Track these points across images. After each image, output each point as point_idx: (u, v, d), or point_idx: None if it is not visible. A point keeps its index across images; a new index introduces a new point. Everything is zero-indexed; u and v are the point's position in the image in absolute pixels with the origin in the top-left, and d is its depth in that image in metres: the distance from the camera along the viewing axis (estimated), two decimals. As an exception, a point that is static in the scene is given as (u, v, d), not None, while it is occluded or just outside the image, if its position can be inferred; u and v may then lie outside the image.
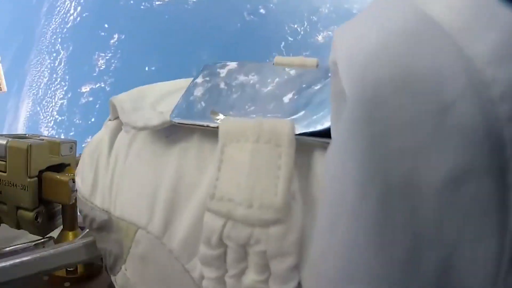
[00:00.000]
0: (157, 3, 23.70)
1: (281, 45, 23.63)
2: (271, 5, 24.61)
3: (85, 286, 0.32)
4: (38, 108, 26.55)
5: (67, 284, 0.32)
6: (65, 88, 25.04)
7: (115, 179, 0.20)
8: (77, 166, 0.28)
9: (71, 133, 24.34)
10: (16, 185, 0.33)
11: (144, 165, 0.19)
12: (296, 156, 0.13)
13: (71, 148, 0.38)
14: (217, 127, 0.15)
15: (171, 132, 0.18)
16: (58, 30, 25.98)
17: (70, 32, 24.60)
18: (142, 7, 23.43)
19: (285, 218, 0.12)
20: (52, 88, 25.72)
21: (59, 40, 25.30)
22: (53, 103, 25.71)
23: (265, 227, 0.13)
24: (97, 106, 23.10)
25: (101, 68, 23.48)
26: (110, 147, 0.22)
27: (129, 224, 0.19)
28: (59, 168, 0.36)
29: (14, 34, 27.55)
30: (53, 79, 24.82)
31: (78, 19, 24.80)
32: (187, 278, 0.17)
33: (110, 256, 0.21)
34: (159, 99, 0.20)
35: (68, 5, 26.28)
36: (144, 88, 0.22)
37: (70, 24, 25.29)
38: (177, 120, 0.17)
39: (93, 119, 25.68)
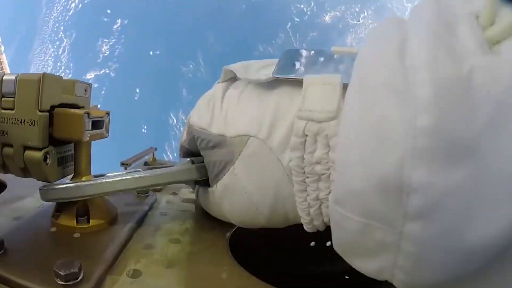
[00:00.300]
0: (160, -14, 23.32)
1: (287, 26, 23.09)
2: (277, -15, 24.23)
3: (96, 237, 0.32)
4: (43, 98, 26.24)
5: (76, 235, 0.32)
6: (69, 76, 24.73)
7: (229, 115, 0.31)
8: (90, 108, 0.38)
9: (77, 121, 24.05)
10: (24, 121, 0.31)
11: (253, 103, 0.30)
12: (343, 90, 0.24)
13: (85, 90, 0.36)
14: (302, 79, 0.26)
15: (271, 85, 0.29)
16: (60, 18, 25.69)
17: (73, 19, 24.29)
18: (144, -9, 23.09)
19: (337, 116, 0.23)
20: (57, 77, 25.45)
21: (62, 28, 25.01)
22: (58, 92, 25.39)
23: (328, 122, 0.23)
24: (102, 92, 22.90)
25: (105, 54, 23.16)
26: (222, 97, 0.32)
27: (243, 136, 0.29)
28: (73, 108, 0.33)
29: (17, 24, 27.28)
30: (58, 68, 24.58)
31: (80, 6, 24.44)
32: (279, 165, 0.27)
33: (220, 164, 0.31)
34: (260, 68, 0.31)
35: (70, -8, 26.02)
36: (247, 62, 0.33)
37: (72, 11, 24.96)
38: (277, 76, 0.28)
39: (99, 106, 25.23)
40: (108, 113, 0.36)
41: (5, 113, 0.31)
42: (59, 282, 0.24)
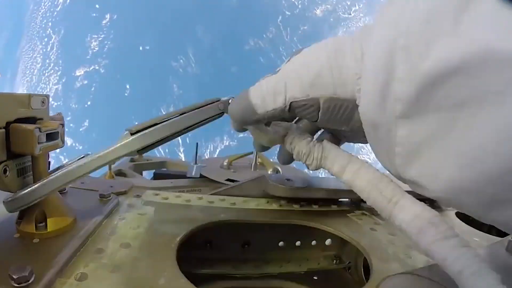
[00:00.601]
0: (148, -20, 23.03)
1: (278, 20, 23.15)
2: (267, -22, 24.09)
3: (53, 243, 0.33)
4: (32, 95, 25.89)
5: (36, 240, 0.34)
6: (59, 73, 24.48)
7: None
8: (50, 120, 0.38)
9: (68, 118, 23.85)
10: (-16, 138, 0.33)
11: None
12: None
13: (43, 102, 0.37)
14: None
15: None
16: (48, 14, 25.31)
17: (61, 15, 23.94)
18: (133, -15, 22.80)
19: None
20: (46, 74, 25.17)
21: (50, 24, 24.66)
22: (48, 89, 25.18)
23: None
24: (92, 89, 22.69)
25: (94, 50, 22.97)
26: None
27: None
28: (31, 121, 0.36)
29: (3, 21, 26.82)
30: (46, 65, 24.29)
31: (68, 1, 24.12)
32: None
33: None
34: None
35: (57, -13, 25.58)
36: None
37: (60, 7, 24.59)
38: None
39: (89, 103, 25.17)
40: (62, 124, 0.38)
41: (-31, 131, 0.32)
42: (13, 284, 0.27)
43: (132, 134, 0.36)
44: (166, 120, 0.36)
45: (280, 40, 20.40)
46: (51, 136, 0.36)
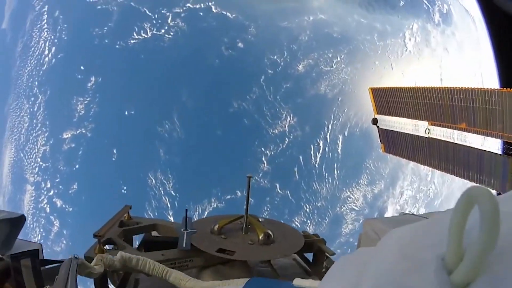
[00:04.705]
0: (132, 41, 23.18)
1: (261, 79, 23.31)
2: (250, 37, 24.20)
3: None
4: (22, 155, 26.09)
5: None
6: (46, 134, 24.54)
7: None
8: None
9: (57, 180, 23.94)
10: None
11: None
12: None
13: None
14: None
15: None
16: (34, 73, 25.35)
17: (47, 74, 24.01)
18: (117, 46, 22.89)
19: None
20: (34, 134, 25.18)
21: (36, 83, 24.68)
22: (36, 150, 25.25)
23: None
24: (80, 152, 22.78)
25: (80, 114, 23.03)
26: None
27: None
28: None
29: (-11, 74, 26.84)
30: (34, 125, 24.32)
31: (53, 60, 24.16)
32: None
33: None
34: None
35: (42, 45, 25.62)
36: None
37: (45, 66, 24.66)
38: None
39: (77, 166, 25.33)
40: None
41: None
42: None
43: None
44: None
45: (263, 100, 20.50)
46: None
